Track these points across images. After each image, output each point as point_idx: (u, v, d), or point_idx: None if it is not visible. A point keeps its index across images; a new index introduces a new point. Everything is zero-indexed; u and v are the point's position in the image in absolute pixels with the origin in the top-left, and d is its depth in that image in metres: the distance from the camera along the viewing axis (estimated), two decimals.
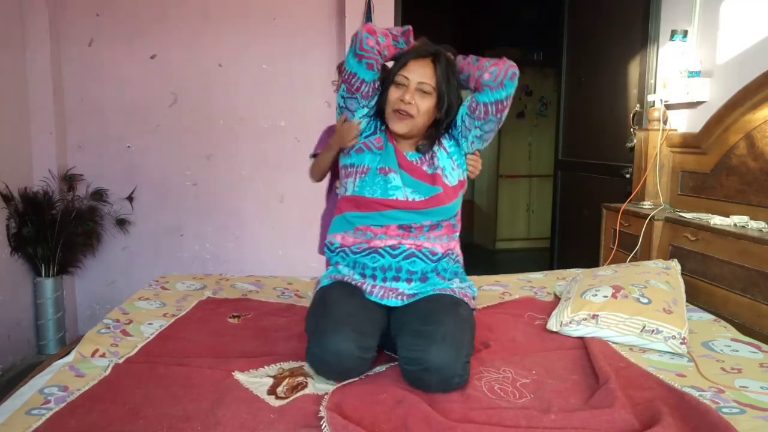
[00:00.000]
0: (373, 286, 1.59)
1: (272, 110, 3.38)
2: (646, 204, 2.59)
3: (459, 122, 1.63)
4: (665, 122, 2.58)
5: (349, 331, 1.38)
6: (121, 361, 1.49)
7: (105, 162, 3.29)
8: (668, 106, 2.62)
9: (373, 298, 1.57)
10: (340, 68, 1.96)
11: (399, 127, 1.59)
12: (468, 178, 1.70)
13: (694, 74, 2.44)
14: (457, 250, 1.68)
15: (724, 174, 2.27)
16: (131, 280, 3.27)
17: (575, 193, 3.47)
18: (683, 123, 2.62)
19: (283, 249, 3.45)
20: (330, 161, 1.82)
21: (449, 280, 1.64)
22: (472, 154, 1.69)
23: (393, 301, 1.57)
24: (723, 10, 2.37)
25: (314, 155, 1.91)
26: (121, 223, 3.31)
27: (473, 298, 1.69)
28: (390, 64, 1.65)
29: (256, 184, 3.44)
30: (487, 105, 1.55)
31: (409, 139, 1.64)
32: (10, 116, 2.95)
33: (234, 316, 1.88)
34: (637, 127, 2.76)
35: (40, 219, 2.97)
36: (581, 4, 3.37)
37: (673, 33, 2.51)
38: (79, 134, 3.27)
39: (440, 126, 1.63)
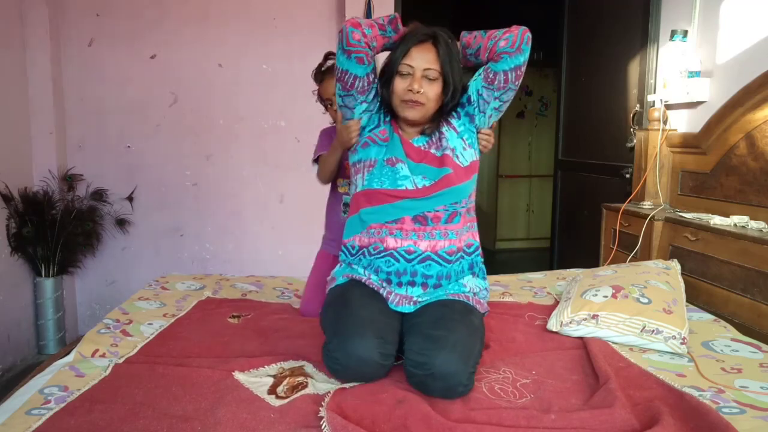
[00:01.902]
0: (389, 293, 1.55)
1: (272, 110, 3.38)
2: (646, 204, 2.59)
3: (475, 97, 1.57)
4: (665, 122, 2.58)
5: (373, 338, 1.35)
6: (121, 361, 1.49)
7: (105, 162, 3.30)
8: (668, 106, 2.62)
9: (388, 305, 1.54)
10: (317, 76, 1.95)
11: (412, 113, 1.54)
12: (481, 152, 1.66)
13: (694, 74, 2.44)
14: (476, 240, 1.64)
15: (724, 174, 2.27)
16: (131, 280, 3.27)
17: (575, 193, 3.47)
18: (683, 123, 2.62)
19: (283, 249, 3.45)
20: (336, 163, 1.82)
21: (463, 278, 1.59)
22: (489, 128, 1.65)
23: (406, 308, 1.54)
24: (723, 10, 2.37)
25: (316, 159, 1.91)
26: (121, 223, 3.32)
27: (485, 302, 1.65)
28: (383, 54, 1.60)
29: (256, 184, 3.44)
30: (507, 72, 1.51)
31: (415, 126, 1.60)
32: (10, 116, 2.96)
33: (234, 316, 1.88)
34: (637, 127, 2.76)
35: (40, 219, 2.97)
36: (581, 4, 3.37)
37: (673, 33, 2.51)
38: (79, 134, 3.27)
39: (445, 108, 1.58)
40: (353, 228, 1.62)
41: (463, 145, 1.59)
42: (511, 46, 1.50)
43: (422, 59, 1.51)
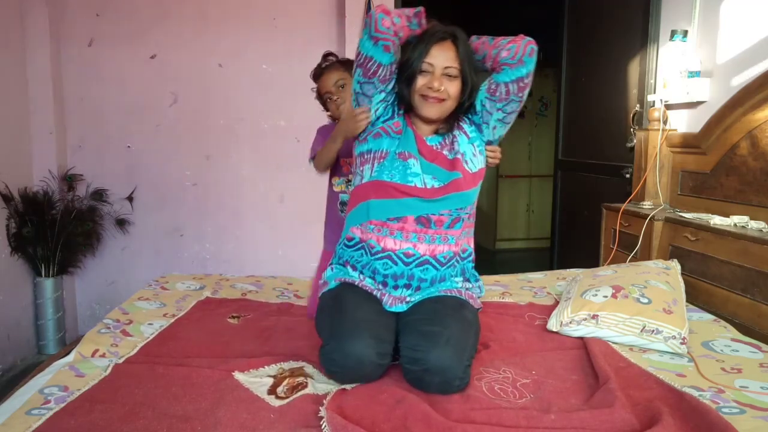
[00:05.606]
0: (383, 294, 1.55)
1: (272, 110, 3.38)
2: (646, 204, 2.59)
3: (479, 107, 1.57)
4: (665, 122, 2.58)
5: (369, 337, 1.36)
6: (121, 361, 1.50)
7: (105, 162, 3.30)
8: (668, 106, 2.62)
9: (383, 306, 1.54)
10: (316, 73, 1.93)
11: (431, 111, 1.53)
12: (488, 165, 1.65)
13: (694, 74, 2.44)
14: (470, 246, 1.65)
15: (724, 174, 2.27)
16: (131, 280, 3.27)
17: (575, 193, 3.47)
18: (683, 123, 2.62)
19: (282, 249, 3.45)
20: (336, 151, 1.77)
21: (453, 277, 1.60)
22: (496, 143, 1.64)
23: (399, 307, 1.55)
24: (723, 10, 2.37)
25: (313, 157, 1.90)
26: (121, 223, 3.32)
27: (479, 297, 1.67)
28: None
29: (256, 184, 3.44)
30: (508, 84, 1.50)
31: (430, 124, 1.58)
32: (10, 116, 2.95)
33: (234, 317, 1.88)
34: (637, 127, 2.76)
35: (40, 219, 2.97)
36: (581, 4, 3.37)
37: (673, 33, 2.51)
38: (79, 134, 3.27)
39: (460, 108, 1.57)
40: (356, 218, 1.59)
41: (473, 151, 1.59)
42: (512, 58, 1.48)
43: (443, 57, 1.51)
